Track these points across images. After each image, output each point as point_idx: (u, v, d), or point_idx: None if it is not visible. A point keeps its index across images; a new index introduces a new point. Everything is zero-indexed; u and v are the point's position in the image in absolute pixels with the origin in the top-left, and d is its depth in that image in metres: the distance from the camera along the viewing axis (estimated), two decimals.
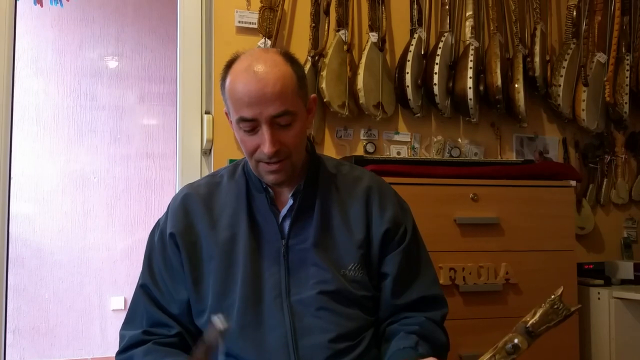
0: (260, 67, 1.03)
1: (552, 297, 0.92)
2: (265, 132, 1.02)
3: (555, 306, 0.91)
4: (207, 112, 1.95)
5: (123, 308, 3.67)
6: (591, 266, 2.06)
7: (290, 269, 1.08)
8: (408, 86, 1.98)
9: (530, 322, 0.91)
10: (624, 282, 1.99)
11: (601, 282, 1.95)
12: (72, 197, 3.69)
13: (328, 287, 1.07)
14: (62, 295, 3.62)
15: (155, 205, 3.77)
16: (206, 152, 1.98)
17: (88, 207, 3.71)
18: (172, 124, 3.60)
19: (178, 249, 1.10)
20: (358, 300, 1.09)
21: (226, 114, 1.12)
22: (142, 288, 1.13)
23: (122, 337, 1.11)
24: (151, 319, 1.10)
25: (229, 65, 1.09)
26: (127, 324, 1.13)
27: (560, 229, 1.82)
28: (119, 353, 1.10)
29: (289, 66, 1.06)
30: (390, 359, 1.05)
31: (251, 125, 1.03)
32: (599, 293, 1.89)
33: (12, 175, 2.02)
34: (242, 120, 1.03)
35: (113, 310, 3.69)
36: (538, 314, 0.91)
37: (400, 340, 1.06)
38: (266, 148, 1.02)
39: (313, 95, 1.15)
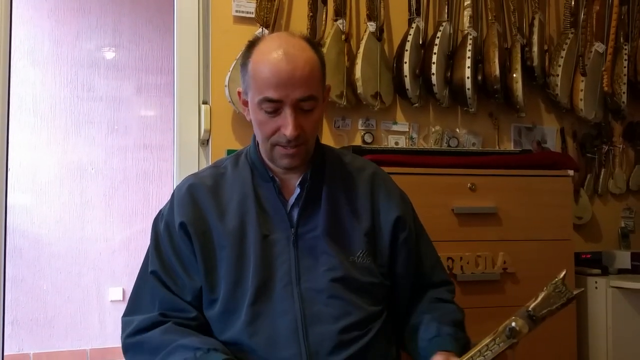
0: (290, 50, 1.03)
1: (555, 280, 0.92)
2: (289, 115, 1.03)
3: (558, 290, 0.91)
4: (205, 102, 1.95)
5: (121, 299, 3.68)
6: (589, 256, 2.07)
7: (300, 257, 1.09)
8: (406, 76, 1.98)
9: (532, 305, 0.91)
10: (621, 272, 2.00)
11: (598, 271, 1.96)
12: (70, 188, 3.68)
13: (338, 274, 1.08)
14: (61, 286, 3.62)
15: (153, 196, 3.77)
16: (204, 143, 1.97)
17: (86, 198, 3.70)
18: (170, 115, 3.59)
19: (189, 238, 1.09)
20: (365, 287, 1.10)
21: (239, 93, 1.11)
22: (153, 274, 1.10)
23: (127, 322, 1.09)
24: (165, 304, 1.08)
25: (252, 45, 1.08)
26: (133, 311, 1.11)
27: (557, 219, 1.82)
28: (128, 336, 1.07)
29: (315, 52, 1.08)
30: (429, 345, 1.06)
31: (274, 107, 1.03)
32: (596, 282, 1.89)
33: (9, 166, 2.01)
34: (266, 100, 1.03)
35: (111, 301, 3.69)
36: (540, 298, 0.92)
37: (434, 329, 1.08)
38: (288, 131, 1.03)
39: (328, 85, 1.16)
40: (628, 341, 1.83)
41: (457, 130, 2.13)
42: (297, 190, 1.12)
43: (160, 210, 1.17)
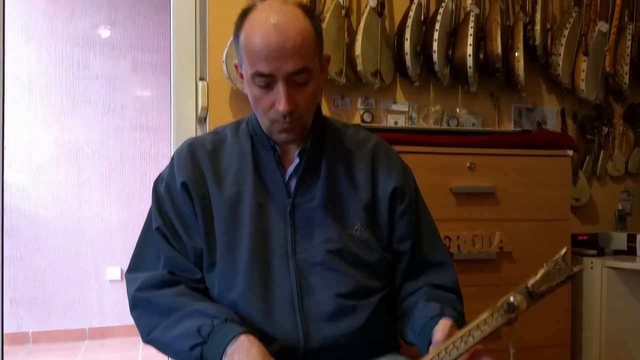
0: (281, 20, 0.98)
1: (555, 257, 0.91)
2: (281, 89, 1.00)
3: (558, 267, 0.90)
4: (202, 79, 1.93)
5: (120, 279, 3.69)
6: (585, 237, 2.07)
7: (297, 228, 1.07)
8: (407, 53, 1.95)
9: (532, 282, 0.91)
10: (617, 253, 2.00)
11: (594, 252, 1.96)
12: (67, 168, 3.67)
13: (334, 246, 1.06)
14: (58, 265, 3.63)
15: (150, 177, 3.76)
16: (201, 120, 1.96)
17: (83, 178, 3.69)
18: (166, 95, 3.55)
19: (190, 199, 1.08)
20: (365, 262, 1.09)
21: (236, 66, 1.09)
22: (157, 231, 1.08)
23: (133, 279, 1.06)
24: (171, 262, 1.06)
25: (244, 15, 1.04)
26: (137, 267, 1.09)
27: (555, 199, 1.82)
28: (138, 290, 1.04)
29: (309, 21, 1.02)
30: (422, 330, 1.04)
31: (266, 81, 1.00)
32: (592, 263, 1.90)
33: (5, 145, 2.00)
34: (257, 75, 1.00)
35: (110, 280, 3.71)
36: (540, 274, 0.91)
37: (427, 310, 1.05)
38: (281, 106, 1.00)
39: (327, 54, 1.11)
40: (621, 320, 1.85)
41: (457, 110, 2.12)
42: (296, 161, 1.11)
43: (160, 174, 1.15)
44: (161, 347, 1.02)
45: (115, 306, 3.68)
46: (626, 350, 1.85)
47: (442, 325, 0.96)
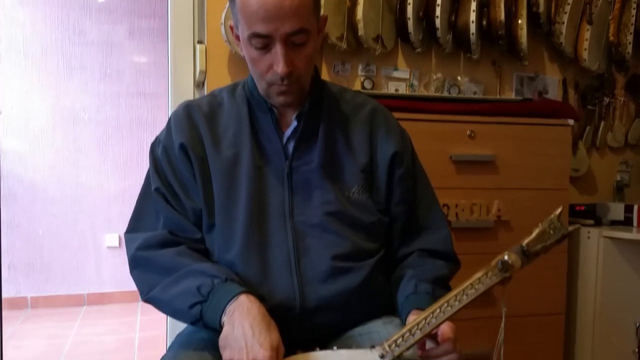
0: None
1: (550, 217, 0.91)
2: (279, 51, 0.98)
3: (553, 226, 0.91)
4: (200, 42, 1.90)
5: (118, 246, 3.71)
6: (583, 208, 2.07)
7: (294, 190, 1.07)
8: (409, 18, 1.92)
9: (526, 241, 0.91)
10: (614, 223, 2.01)
11: (592, 222, 1.97)
12: (63, 134, 3.65)
13: (332, 208, 1.06)
14: (56, 232, 3.64)
15: (147, 144, 3.71)
16: (199, 85, 1.93)
17: (79, 144, 3.67)
18: (163, 62, 3.51)
19: (189, 160, 1.07)
20: (362, 224, 1.09)
21: (232, 27, 1.07)
22: (156, 191, 1.07)
23: (132, 238, 1.06)
24: (170, 222, 1.05)
25: None
26: (137, 227, 1.08)
27: (555, 168, 1.82)
28: (138, 249, 1.04)
29: None
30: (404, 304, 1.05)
31: (264, 42, 0.98)
32: (589, 232, 1.91)
33: (1, 111, 1.97)
34: (254, 36, 0.98)
35: (108, 247, 3.72)
36: (534, 234, 0.91)
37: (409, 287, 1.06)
38: (280, 68, 0.98)
39: (324, 15, 1.09)
40: (616, 289, 1.87)
41: (459, 78, 2.10)
42: (294, 123, 1.10)
43: (157, 137, 1.14)
44: (160, 306, 1.03)
45: (113, 273, 3.71)
46: (619, 318, 1.88)
47: (412, 318, 0.97)
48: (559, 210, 0.91)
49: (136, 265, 1.05)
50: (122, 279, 3.66)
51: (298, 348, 0.95)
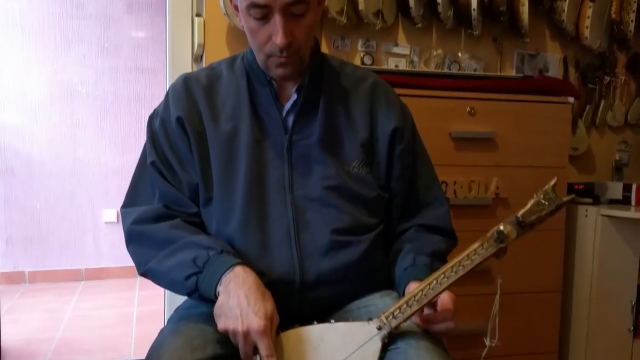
0: None
1: (545, 187, 0.91)
2: (278, 21, 0.96)
3: (548, 196, 0.91)
4: (198, 15, 1.87)
5: (116, 221, 3.71)
6: (581, 186, 2.07)
7: (294, 164, 1.07)
8: None
9: (521, 212, 0.91)
10: (612, 202, 2.01)
11: (590, 200, 1.97)
12: (61, 109, 3.62)
13: (331, 182, 1.06)
14: (54, 206, 3.64)
15: (145, 120, 3.71)
16: (197, 59, 1.91)
17: (77, 118, 3.65)
18: (162, 37, 3.48)
19: (186, 133, 1.06)
20: (362, 199, 1.09)
21: None
22: (152, 165, 1.07)
23: (128, 213, 1.06)
24: (166, 196, 1.05)
25: None
26: (132, 202, 1.08)
27: (554, 146, 1.82)
28: (133, 223, 1.04)
29: None
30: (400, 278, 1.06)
31: (262, 13, 0.97)
32: (586, 210, 1.91)
33: None
34: (253, 6, 0.96)
35: (106, 222, 3.72)
36: (529, 204, 0.91)
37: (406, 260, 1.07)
38: (279, 39, 0.97)
39: None
40: (612, 267, 1.88)
41: (459, 54, 2.08)
42: (294, 97, 1.09)
43: (155, 109, 1.14)
44: (157, 278, 1.03)
45: (111, 248, 3.72)
46: (615, 296, 1.89)
47: (412, 287, 0.98)
48: (554, 181, 0.91)
49: (132, 239, 1.05)
50: (120, 255, 3.67)
51: (296, 322, 0.96)
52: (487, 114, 1.76)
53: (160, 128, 1.09)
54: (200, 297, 0.96)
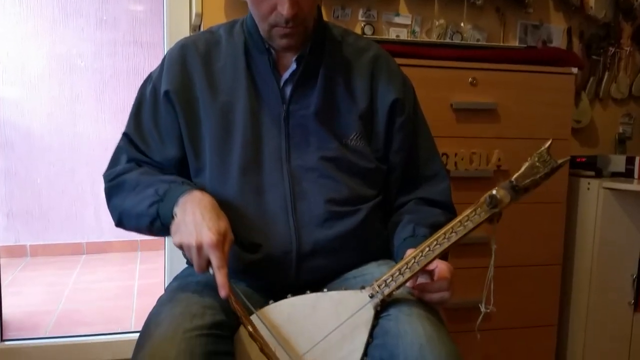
0: None
1: (540, 150, 0.89)
2: None
3: (542, 159, 0.89)
4: None
5: None
6: (584, 159, 2.05)
7: (291, 135, 1.06)
8: None
9: (515, 176, 0.89)
10: (615, 175, 1.99)
11: (592, 173, 1.96)
12: (60, 82, 3.59)
13: (328, 153, 1.05)
14: (54, 180, 3.63)
15: None
16: (195, 29, 1.88)
17: (76, 92, 3.62)
18: (160, 10, 3.42)
19: (173, 107, 1.06)
20: (359, 170, 1.08)
21: None
22: (125, 136, 1.10)
23: (107, 176, 1.10)
24: (136, 160, 1.09)
25: None
26: (110, 167, 1.12)
27: (557, 118, 1.79)
28: (108, 181, 1.08)
29: None
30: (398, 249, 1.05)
31: None
32: (589, 183, 1.89)
33: None
34: None
35: None
36: (524, 168, 0.89)
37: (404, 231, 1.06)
38: (285, 10, 0.96)
39: None
40: (614, 241, 1.86)
41: (462, 25, 2.04)
42: (293, 66, 1.07)
43: (150, 74, 1.12)
44: (127, 219, 1.04)
45: (112, 222, 3.71)
46: (616, 270, 1.88)
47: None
48: (549, 142, 0.89)
49: (110, 195, 1.08)
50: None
51: (290, 292, 0.95)
52: (489, 85, 1.73)
53: (150, 94, 1.09)
54: (162, 225, 0.96)
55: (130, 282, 3.14)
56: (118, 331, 2.25)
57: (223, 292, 0.86)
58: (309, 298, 0.94)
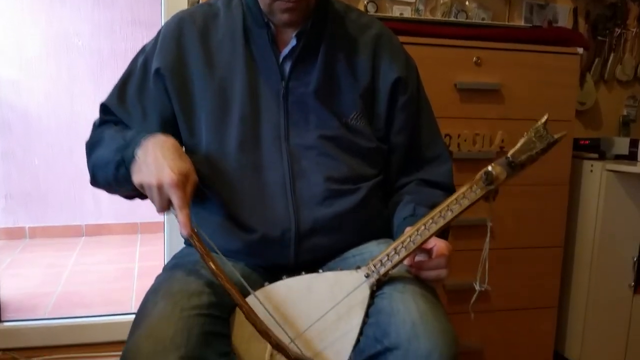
0: None
1: (536, 125, 0.87)
2: None
3: (539, 134, 0.87)
4: None
5: None
6: (587, 142, 2.03)
7: (290, 112, 1.03)
8: None
9: (512, 151, 0.87)
10: (618, 157, 1.97)
11: (595, 155, 1.94)
12: (57, 62, 3.55)
13: (328, 132, 1.03)
14: (52, 162, 3.61)
15: None
16: (193, 4, 1.84)
17: (74, 72, 3.58)
18: None
19: (164, 86, 1.04)
20: (359, 149, 1.06)
21: None
22: (103, 107, 1.10)
23: (86, 142, 1.09)
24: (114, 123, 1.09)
25: None
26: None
27: (561, 99, 1.77)
28: (86, 146, 1.07)
29: None
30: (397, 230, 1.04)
31: None
32: (592, 165, 1.88)
33: None
34: None
35: None
36: (520, 143, 0.87)
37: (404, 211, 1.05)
38: None
39: None
40: (616, 223, 1.85)
41: (467, 3, 2.01)
42: (293, 42, 1.04)
43: (144, 46, 1.10)
44: (97, 170, 1.03)
45: (112, 204, 3.70)
46: (618, 251, 1.88)
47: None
48: (545, 117, 0.88)
49: (88, 157, 1.07)
50: (121, 211, 3.66)
51: (289, 272, 0.94)
52: (493, 65, 1.71)
53: (141, 67, 1.07)
54: (126, 171, 0.94)
55: (130, 264, 3.13)
56: (118, 313, 2.24)
57: (184, 231, 0.85)
58: (304, 279, 0.93)
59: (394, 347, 0.83)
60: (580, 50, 1.78)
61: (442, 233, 0.98)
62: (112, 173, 0.97)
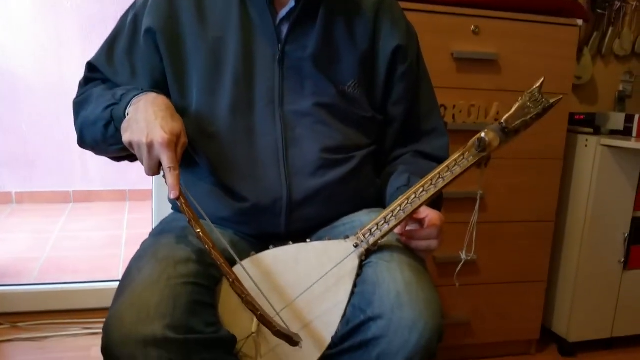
0: None
1: (531, 89, 0.84)
2: None
3: (534, 99, 0.84)
4: None
5: None
6: (582, 117, 2.01)
7: (285, 77, 1.00)
8: None
9: (505, 116, 0.85)
10: (613, 133, 1.95)
11: (590, 130, 1.92)
12: (45, 25, 3.46)
13: (324, 100, 1.00)
14: (39, 126, 3.54)
15: None
16: None
17: (62, 35, 3.49)
18: None
19: (155, 45, 1.00)
20: (355, 118, 1.04)
21: None
22: (89, 65, 1.06)
23: (74, 101, 1.06)
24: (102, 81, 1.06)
25: None
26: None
27: (558, 71, 1.74)
28: (73, 104, 1.05)
29: None
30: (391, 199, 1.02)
31: None
32: (586, 140, 1.86)
33: None
34: None
35: None
36: (514, 108, 0.85)
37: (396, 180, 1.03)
38: None
39: None
40: (608, 199, 1.85)
41: None
42: (292, 4, 1.00)
43: (135, 2, 1.05)
44: (85, 129, 1.00)
45: (100, 170, 3.66)
46: (609, 227, 1.87)
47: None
48: (540, 81, 0.85)
49: (75, 116, 1.04)
50: (110, 178, 3.62)
51: (280, 241, 0.92)
52: (492, 34, 1.67)
53: (130, 24, 1.03)
54: (115, 130, 0.92)
55: (118, 231, 3.11)
56: (105, 280, 2.23)
57: (173, 194, 0.82)
58: (291, 249, 0.91)
59: (377, 317, 0.82)
60: (580, 22, 1.74)
61: (435, 204, 0.96)
62: (100, 132, 0.94)
